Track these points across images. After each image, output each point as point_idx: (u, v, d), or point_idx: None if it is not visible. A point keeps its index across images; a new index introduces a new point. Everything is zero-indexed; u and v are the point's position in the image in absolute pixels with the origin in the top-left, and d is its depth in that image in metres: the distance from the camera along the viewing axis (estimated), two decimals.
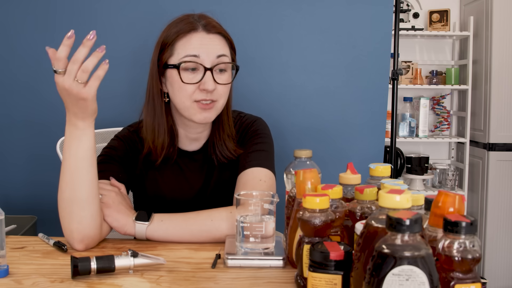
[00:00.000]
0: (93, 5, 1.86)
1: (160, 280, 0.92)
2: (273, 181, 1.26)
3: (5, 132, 1.91)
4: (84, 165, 1.05)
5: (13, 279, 0.92)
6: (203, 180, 1.32)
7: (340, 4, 1.88)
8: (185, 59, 1.19)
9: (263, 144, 1.30)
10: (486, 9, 3.15)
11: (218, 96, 1.22)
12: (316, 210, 0.83)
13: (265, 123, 1.37)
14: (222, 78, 1.22)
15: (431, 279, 0.61)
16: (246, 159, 1.27)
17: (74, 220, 1.06)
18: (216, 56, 1.21)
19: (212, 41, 1.22)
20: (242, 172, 1.25)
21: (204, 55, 1.19)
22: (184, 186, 1.31)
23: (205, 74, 1.19)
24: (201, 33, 1.21)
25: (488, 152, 3.16)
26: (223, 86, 1.22)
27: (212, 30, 1.22)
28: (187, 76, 1.19)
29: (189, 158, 1.32)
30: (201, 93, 1.20)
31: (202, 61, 1.19)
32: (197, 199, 1.31)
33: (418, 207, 0.86)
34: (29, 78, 1.89)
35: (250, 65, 1.87)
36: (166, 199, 1.30)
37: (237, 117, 1.36)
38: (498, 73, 3.11)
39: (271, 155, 1.31)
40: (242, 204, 1.01)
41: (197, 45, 1.20)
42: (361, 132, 1.92)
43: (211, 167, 1.32)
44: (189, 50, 1.19)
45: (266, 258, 0.99)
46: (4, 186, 1.93)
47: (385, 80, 1.92)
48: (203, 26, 1.22)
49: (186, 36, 1.21)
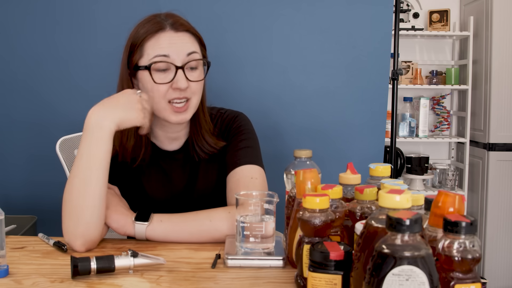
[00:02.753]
0: (90, 6, 1.86)
1: (160, 280, 0.92)
2: (264, 177, 1.26)
3: (5, 132, 1.91)
4: (100, 166, 1.08)
5: (13, 279, 0.92)
6: (187, 178, 1.31)
7: (340, 4, 1.88)
8: (155, 59, 1.18)
9: (248, 140, 1.30)
10: (486, 9, 3.15)
11: (191, 94, 1.21)
12: (316, 210, 0.83)
13: (247, 118, 1.36)
14: (194, 75, 1.22)
15: (431, 279, 0.61)
16: (234, 158, 1.26)
17: (81, 225, 1.07)
18: (187, 54, 1.20)
19: (181, 39, 1.21)
20: (232, 171, 1.24)
21: (174, 54, 1.19)
22: (168, 186, 1.31)
23: (176, 72, 1.18)
24: (169, 32, 1.20)
25: (488, 152, 3.16)
26: (195, 83, 1.21)
27: (180, 28, 1.21)
28: (159, 76, 1.19)
29: (170, 158, 1.31)
30: (174, 92, 1.19)
31: (173, 60, 1.18)
32: (183, 198, 1.30)
33: (418, 207, 0.86)
34: (29, 78, 1.89)
35: (249, 65, 1.87)
36: (152, 200, 1.30)
37: (217, 113, 1.35)
38: (498, 73, 3.11)
39: (258, 150, 1.30)
40: (242, 204, 1.01)
41: (166, 45, 1.19)
42: (361, 132, 1.92)
43: (194, 165, 1.31)
44: (158, 50, 1.19)
45: (266, 258, 0.99)
46: (4, 186, 1.93)
47: (385, 80, 1.92)
48: (171, 25, 1.21)
49: (154, 36, 1.20)
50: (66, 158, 1.54)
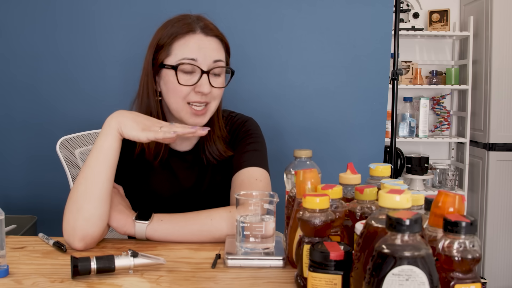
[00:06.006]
0: (90, 6, 1.86)
1: (160, 280, 0.92)
2: (268, 180, 1.26)
3: (5, 133, 1.91)
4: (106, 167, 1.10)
5: (13, 279, 0.92)
6: (194, 180, 1.32)
7: (340, 4, 1.88)
8: (183, 61, 1.19)
9: (256, 143, 1.31)
10: (486, 9, 3.15)
11: (211, 99, 1.23)
12: (316, 210, 0.83)
13: (256, 123, 1.37)
14: (218, 81, 1.23)
15: (431, 279, 0.61)
16: (240, 160, 1.27)
17: (81, 217, 1.07)
18: (213, 61, 1.21)
19: (210, 44, 1.22)
20: (238, 172, 1.25)
21: (201, 59, 1.19)
22: (175, 185, 1.31)
23: (201, 77, 1.19)
24: (199, 35, 1.21)
25: (488, 152, 3.16)
26: (217, 89, 1.23)
27: (210, 33, 1.22)
28: (183, 77, 1.19)
29: (180, 158, 1.32)
30: (196, 95, 1.20)
31: (199, 64, 1.19)
32: (189, 199, 1.31)
33: (418, 207, 0.86)
34: (29, 78, 1.89)
35: (249, 65, 1.87)
36: (158, 198, 1.30)
37: (228, 116, 1.36)
38: (498, 73, 3.11)
39: (264, 154, 1.31)
40: (242, 204, 1.01)
41: (195, 48, 1.20)
42: (361, 132, 1.92)
43: (202, 168, 1.32)
44: (187, 53, 1.19)
45: (266, 258, 0.99)
46: (4, 186, 1.93)
47: (385, 80, 1.92)
48: (201, 28, 1.21)
49: (184, 38, 1.20)
50: (66, 158, 1.54)
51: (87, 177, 1.10)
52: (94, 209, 1.08)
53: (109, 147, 1.11)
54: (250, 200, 1.01)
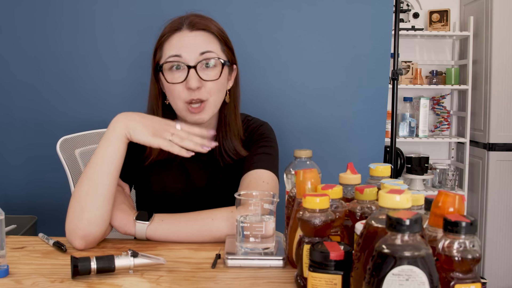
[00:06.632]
0: (90, 6, 1.86)
1: (160, 280, 0.92)
2: (276, 184, 1.26)
3: (5, 133, 1.91)
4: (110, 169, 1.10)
5: (13, 279, 0.92)
6: (206, 180, 1.32)
7: (340, 4, 1.88)
8: (168, 59, 1.19)
9: (268, 147, 1.30)
10: (486, 9, 3.14)
11: (207, 94, 1.20)
12: (316, 210, 0.83)
13: (270, 128, 1.37)
14: (210, 74, 1.20)
15: (431, 279, 0.61)
16: (250, 161, 1.27)
17: (84, 216, 1.07)
18: (200, 53, 1.19)
19: (196, 38, 1.21)
20: (246, 173, 1.25)
21: (186, 54, 1.19)
22: (188, 185, 1.31)
23: (188, 72, 1.18)
24: (184, 32, 1.21)
25: (488, 152, 3.16)
26: (211, 82, 1.20)
27: (195, 27, 1.21)
28: (172, 76, 1.19)
29: (193, 158, 1.32)
30: (188, 92, 1.19)
31: (185, 60, 1.18)
32: (201, 199, 1.31)
33: (418, 207, 0.86)
34: (29, 78, 1.89)
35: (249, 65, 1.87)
36: (170, 198, 1.30)
37: (244, 120, 1.36)
38: (498, 73, 3.11)
39: (276, 159, 1.31)
40: (242, 204, 1.01)
41: (177, 45, 1.19)
42: (361, 132, 1.92)
43: (216, 169, 1.31)
44: (171, 51, 1.20)
45: (266, 258, 0.99)
46: (4, 186, 1.93)
47: (385, 80, 1.92)
48: (186, 25, 1.21)
49: (170, 37, 1.21)
50: (66, 158, 1.54)
51: (90, 178, 1.09)
52: (97, 209, 1.08)
53: (113, 151, 1.10)
54: (250, 200, 1.01)
